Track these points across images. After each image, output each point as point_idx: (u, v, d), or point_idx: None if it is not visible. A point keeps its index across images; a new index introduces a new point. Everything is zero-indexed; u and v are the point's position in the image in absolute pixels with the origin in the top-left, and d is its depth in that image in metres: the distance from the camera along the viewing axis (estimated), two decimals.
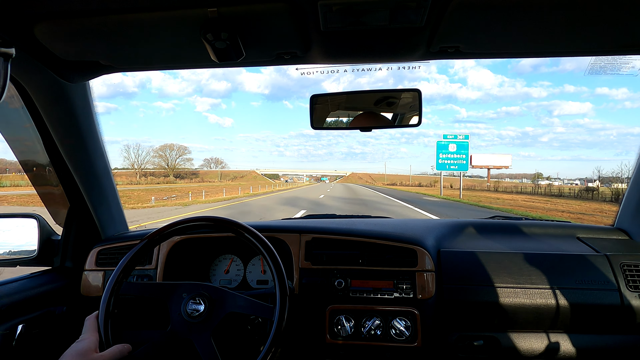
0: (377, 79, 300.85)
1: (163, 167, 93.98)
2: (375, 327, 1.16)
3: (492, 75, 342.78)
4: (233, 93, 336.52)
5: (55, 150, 1.20)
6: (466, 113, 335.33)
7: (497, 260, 1.23)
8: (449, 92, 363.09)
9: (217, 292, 0.94)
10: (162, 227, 1.00)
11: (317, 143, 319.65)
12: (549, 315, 1.15)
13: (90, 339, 0.80)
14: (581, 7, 0.76)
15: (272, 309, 0.89)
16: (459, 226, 1.50)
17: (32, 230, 1.27)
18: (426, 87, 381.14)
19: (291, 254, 1.28)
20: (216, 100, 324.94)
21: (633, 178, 1.37)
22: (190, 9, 0.75)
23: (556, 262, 1.21)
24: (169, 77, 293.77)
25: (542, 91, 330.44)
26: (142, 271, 1.31)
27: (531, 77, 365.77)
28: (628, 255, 1.21)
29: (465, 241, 1.39)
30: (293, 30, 0.84)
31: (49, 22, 0.79)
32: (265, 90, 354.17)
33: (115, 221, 1.48)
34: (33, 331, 1.12)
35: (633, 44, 0.92)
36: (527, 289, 1.16)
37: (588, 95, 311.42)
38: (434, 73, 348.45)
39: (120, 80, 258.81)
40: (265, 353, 0.82)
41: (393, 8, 0.75)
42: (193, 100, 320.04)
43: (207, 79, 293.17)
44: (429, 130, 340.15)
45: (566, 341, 1.17)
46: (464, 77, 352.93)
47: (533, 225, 1.52)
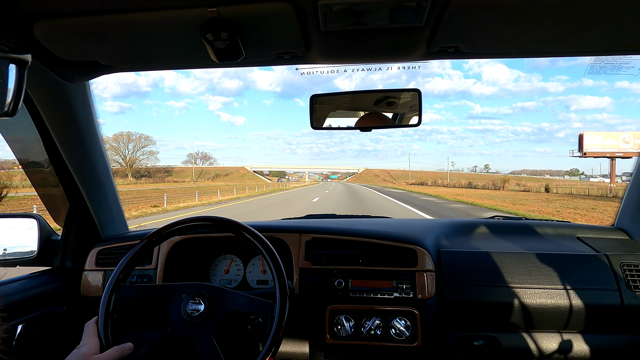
0: (389, 76, 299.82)
1: (119, 163, 74.73)
2: (375, 327, 1.16)
3: (508, 70, 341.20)
4: (245, 91, 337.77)
5: (55, 150, 1.20)
6: (481, 109, 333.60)
7: (497, 260, 1.23)
8: (463, 87, 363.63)
9: (217, 291, 0.94)
10: (162, 227, 1.00)
11: (329, 141, 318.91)
12: (549, 315, 1.15)
13: (91, 344, 0.81)
14: (581, 7, 0.76)
15: (272, 306, 0.89)
16: (459, 226, 1.50)
17: (32, 230, 1.27)
18: (440, 83, 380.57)
19: (291, 254, 1.28)
20: (228, 98, 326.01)
21: (633, 178, 1.37)
22: (190, 9, 0.75)
23: (556, 262, 1.21)
24: (181, 76, 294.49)
25: (559, 86, 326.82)
26: (142, 271, 1.31)
27: (548, 71, 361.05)
28: (628, 255, 1.21)
29: (465, 241, 1.39)
30: (293, 30, 0.84)
31: (49, 22, 0.79)
32: (277, 88, 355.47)
33: (115, 221, 1.48)
34: (33, 331, 1.12)
35: (633, 44, 0.92)
36: (527, 289, 1.16)
37: (607, 89, 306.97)
38: (447, 69, 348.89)
39: (133, 79, 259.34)
40: (266, 352, 0.83)
41: (393, 8, 0.76)
42: (205, 99, 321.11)
43: (219, 77, 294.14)
44: (442, 126, 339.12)
45: (566, 341, 1.17)
46: (478, 72, 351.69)
47: (533, 225, 1.52)
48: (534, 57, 1.02)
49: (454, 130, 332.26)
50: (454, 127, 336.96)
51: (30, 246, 1.27)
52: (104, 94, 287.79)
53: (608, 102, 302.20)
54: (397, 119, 1.26)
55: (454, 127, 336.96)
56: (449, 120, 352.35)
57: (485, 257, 1.25)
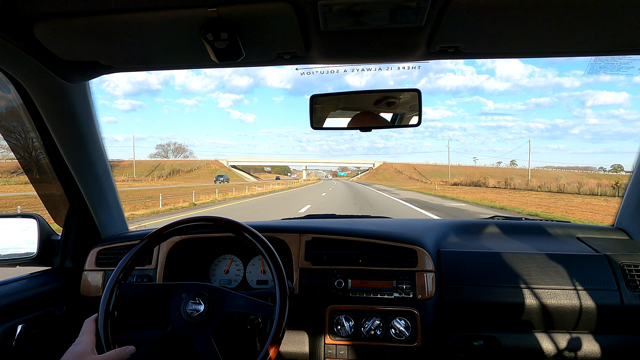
0: (401, 72, 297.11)
1: None
2: (375, 327, 1.16)
3: (522, 66, 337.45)
4: (255, 88, 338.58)
5: (55, 150, 1.20)
6: (493, 105, 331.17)
7: (497, 260, 1.23)
8: (475, 83, 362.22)
9: (217, 291, 0.94)
10: (162, 227, 1.00)
11: (339, 138, 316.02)
12: (549, 315, 1.15)
13: (87, 341, 0.79)
14: (581, 7, 0.76)
15: (272, 308, 0.89)
16: (459, 226, 1.50)
17: (32, 230, 1.27)
18: (452, 78, 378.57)
19: (291, 254, 1.28)
20: (238, 96, 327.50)
21: (633, 178, 1.37)
22: (190, 9, 0.75)
23: (556, 262, 1.21)
24: (192, 74, 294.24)
25: (574, 81, 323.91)
26: (142, 271, 1.31)
27: (563, 66, 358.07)
28: (628, 255, 1.21)
29: (465, 241, 1.39)
30: (293, 30, 0.84)
31: (48, 22, 0.79)
32: (287, 85, 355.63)
33: (115, 221, 1.48)
34: (33, 331, 1.12)
35: (633, 44, 0.92)
36: (527, 289, 1.16)
37: (625, 84, 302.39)
38: (460, 64, 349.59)
39: (144, 77, 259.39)
40: (265, 353, 0.82)
41: (393, 8, 0.76)
42: (216, 96, 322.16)
43: (230, 75, 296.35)
44: (454, 123, 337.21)
45: (566, 341, 1.17)
46: (492, 67, 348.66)
47: (533, 225, 1.52)
48: (534, 57, 1.02)
49: (465, 127, 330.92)
50: (465, 124, 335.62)
51: (30, 246, 1.27)
52: (116, 92, 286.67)
53: (625, 98, 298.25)
54: (397, 119, 1.26)
55: (465, 124, 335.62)
56: (460, 116, 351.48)
57: (485, 257, 1.25)
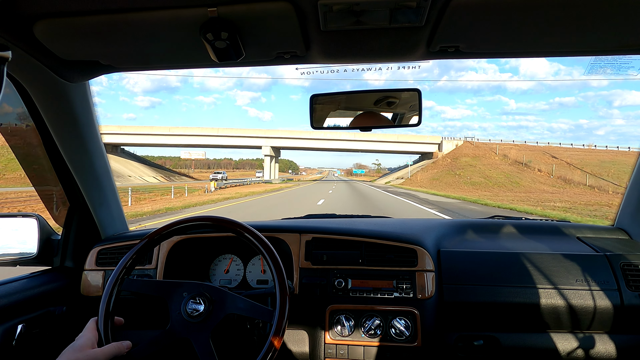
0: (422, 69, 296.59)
1: None
2: (375, 327, 1.16)
3: (548, 64, 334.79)
4: (273, 86, 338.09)
5: (55, 150, 1.20)
6: (515, 104, 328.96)
7: (497, 260, 1.23)
8: (498, 82, 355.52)
9: (218, 292, 0.94)
10: (162, 226, 1.00)
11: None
12: (549, 315, 1.15)
13: (88, 336, 0.81)
14: (581, 7, 0.76)
15: (271, 313, 0.88)
16: (459, 226, 1.50)
17: (32, 230, 1.27)
18: (473, 77, 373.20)
19: (291, 254, 1.28)
20: (256, 93, 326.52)
21: (633, 178, 1.37)
22: (190, 8, 0.75)
23: (556, 262, 1.21)
24: (210, 71, 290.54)
25: (602, 80, 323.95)
26: (142, 271, 1.31)
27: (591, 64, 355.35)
28: (628, 255, 1.21)
29: (465, 241, 1.39)
30: (293, 30, 0.84)
31: (48, 21, 0.79)
32: (305, 83, 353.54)
33: (115, 221, 1.48)
34: (33, 331, 1.12)
35: (633, 44, 0.92)
36: (527, 289, 1.16)
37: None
38: (482, 62, 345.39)
39: (163, 74, 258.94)
40: (265, 353, 0.82)
41: (393, 8, 0.76)
42: (233, 94, 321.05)
43: (248, 72, 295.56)
44: (474, 123, 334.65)
45: (566, 341, 1.17)
46: (515, 66, 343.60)
47: (533, 225, 1.52)
48: (534, 57, 1.02)
49: (485, 127, 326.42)
50: (485, 124, 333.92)
51: (30, 246, 1.27)
52: (135, 89, 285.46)
53: None
54: (397, 119, 1.26)
55: (485, 124, 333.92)
56: (480, 116, 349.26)
57: (485, 257, 1.25)
